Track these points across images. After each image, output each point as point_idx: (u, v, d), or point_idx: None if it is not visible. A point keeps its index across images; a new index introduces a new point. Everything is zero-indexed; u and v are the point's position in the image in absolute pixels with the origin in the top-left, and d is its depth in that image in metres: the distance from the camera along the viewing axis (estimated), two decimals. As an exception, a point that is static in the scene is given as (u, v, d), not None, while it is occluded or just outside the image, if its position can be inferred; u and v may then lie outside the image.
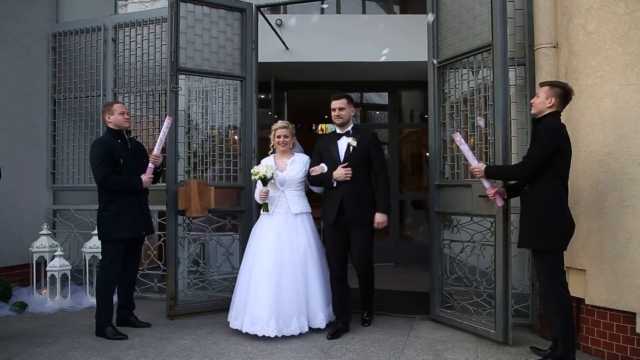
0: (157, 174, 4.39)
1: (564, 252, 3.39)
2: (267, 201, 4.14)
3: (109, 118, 4.22)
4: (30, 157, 5.64)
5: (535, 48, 4.22)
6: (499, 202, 3.64)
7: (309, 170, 4.22)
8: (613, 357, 3.46)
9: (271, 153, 4.41)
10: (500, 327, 3.78)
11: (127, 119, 4.27)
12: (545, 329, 3.91)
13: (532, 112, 3.49)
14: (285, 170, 4.21)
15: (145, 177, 4.18)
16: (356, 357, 3.52)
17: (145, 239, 4.65)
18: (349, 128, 4.21)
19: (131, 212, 4.14)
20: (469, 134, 4.29)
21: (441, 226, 4.56)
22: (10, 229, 4.91)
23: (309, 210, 4.28)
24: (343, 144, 4.15)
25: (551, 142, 3.23)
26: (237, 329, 3.99)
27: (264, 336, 3.82)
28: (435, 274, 4.48)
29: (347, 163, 4.06)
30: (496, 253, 3.86)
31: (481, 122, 3.86)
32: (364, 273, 4.21)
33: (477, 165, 3.65)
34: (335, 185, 4.08)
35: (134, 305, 4.42)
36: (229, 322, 4.13)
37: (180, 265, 4.83)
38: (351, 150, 4.10)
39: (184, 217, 4.89)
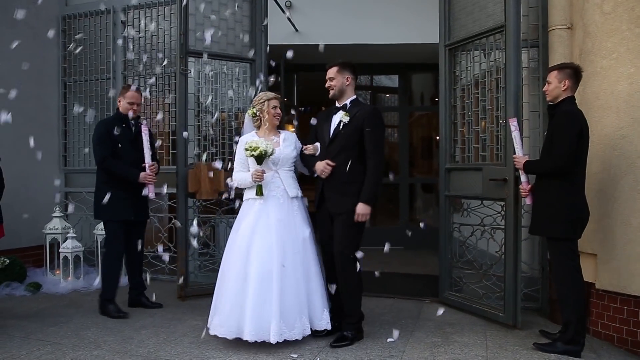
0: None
1: (577, 238, 3.37)
2: (261, 183, 3.53)
3: (119, 101, 4.27)
4: (42, 139, 5.68)
5: (549, 29, 4.15)
6: (529, 201, 3.52)
7: (301, 149, 3.72)
8: (623, 341, 3.46)
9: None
10: (510, 310, 3.78)
11: (135, 110, 4.25)
12: (555, 313, 3.91)
13: (548, 99, 3.44)
14: (279, 147, 3.61)
15: (143, 175, 4.14)
16: (366, 339, 3.54)
17: (155, 222, 4.68)
18: (347, 101, 3.62)
19: (123, 196, 4.14)
20: (480, 117, 4.25)
21: (451, 210, 4.55)
22: (24, 211, 4.97)
23: (301, 194, 3.74)
24: (336, 120, 3.60)
25: (574, 131, 3.17)
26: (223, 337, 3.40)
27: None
28: (445, 257, 4.48)
29: (333, 143, 3.55)
30: (506, 237, 3.85)
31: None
32: (340, 272, 3.49)
33: (520, 156, 3.50)
34: (315, 176, 3.60)
35: (145, 286, 4.49)
36: (208, 328, 3.53)
37: (190, 247, 4.87)
38: (341, 127, 3.53)
39: (194, 199, 4.91)
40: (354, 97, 3.67)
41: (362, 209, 3.45)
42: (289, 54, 4.05)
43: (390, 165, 8.58)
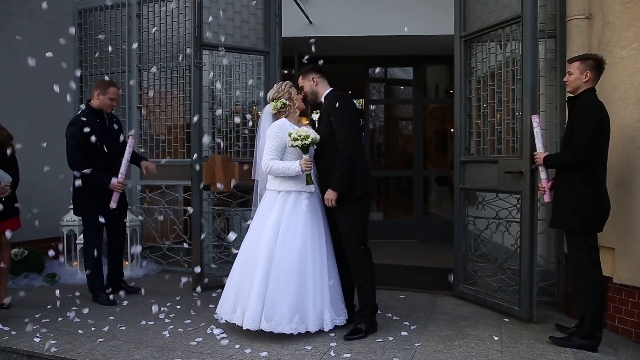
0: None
1: (597, 232, 3.33)
2: (310, 172, 3.46)
3: (98, 96, 4.28)
4: (59, 133, 5.74)
5: (567, 19, 4.08)
6: (547, 198, 3.46)
7: None
8: (640, 336, 3.42)
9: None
10: (525, 304, 3.75)
11: (114, 106, 4.38)
12: (571, 307, 3.88)
13: (568, 90, 3.39)
14: None
15: (113, 185, 4.19)
16: (379, 332, 3.54)
17: (170, 214, 4.73)
18: (322, 98, 3.62)
19: (94, 192, 4.21)
20: (495, 109, 4.20)
21: (466, 202, 4.52)
22: (42, 204, 5.04)
23: None
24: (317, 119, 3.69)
25: (595, 123, 3.13)
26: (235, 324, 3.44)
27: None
28: (459, 250, 4.46)
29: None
30: (522, 230, 3.81)
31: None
32: (351, 264, 3.52)
33: (540, 152, 3.45)
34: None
35: (122, 274, 4.69)
36: (216, 314, 3.59)
37: (205, 239, 4.90)
38: (317, 125, 3.59)
39: (209, 192, 4.94)
40: (328, 91, 3.65)
41: (328, 194, 3.42)
42: (312, 47, 4.02)
43: (405, 158, 8.55)
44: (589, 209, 3.20)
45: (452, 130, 7.36)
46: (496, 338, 3.44)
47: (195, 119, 4.55)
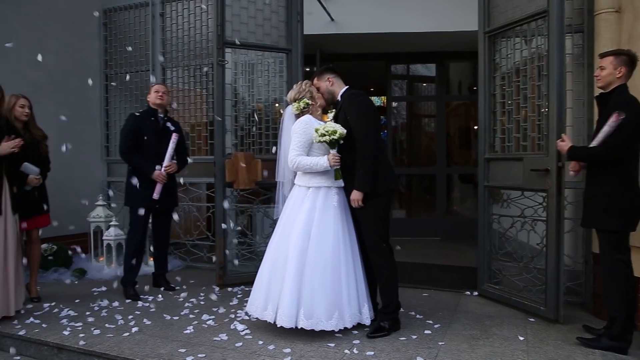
0: (181, 167, 4.60)
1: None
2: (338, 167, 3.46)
3: (148, 97, 4.55)
4: (86, 130, 5.87)
5: (595, 13, 3.98)
6: (575, 174, 3.43)
7: None
8: (672, 338, 3.33)
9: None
10: (552, 304, 3.69)
11: (161, 96, 4.47)
12: (599, 308, 3.79)
13: (599, 85, 3.29)
14: None
15: (157, 174, 4.34)
16: (402, 330, 3.53)
17: (194, 210, 4.78)
18: (339, 97, 3.64)
19: (146, 185, 4.36)
20: (520, 105, 4.14)
21: (490, 200, 4.46)
22: (69, 200, 5.15)
23: None
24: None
25: (632, 120, 3.04)
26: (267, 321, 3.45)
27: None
28: (483, 249, 4.41)
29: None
30: (548, 228, 3.75)
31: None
32: (373, 262, 3.51)
33: (566, 142, 3.33)
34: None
35: (167, 270, 4.82)
36: (247, 312, 3.65)
37: (228, 236, 4.94)
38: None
39: (232, 189, 4.98)
40: (344, 89, 3.65)
41: (353, 195, 3.40)
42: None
43: (427, 156, 8.49)
44: (625, 208, 3.12)
45: (475, 127, 7.28)
46: (521, 338, 3.39)
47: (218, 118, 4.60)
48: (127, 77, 5.62)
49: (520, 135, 4.13)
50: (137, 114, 4.51)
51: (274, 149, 4.47)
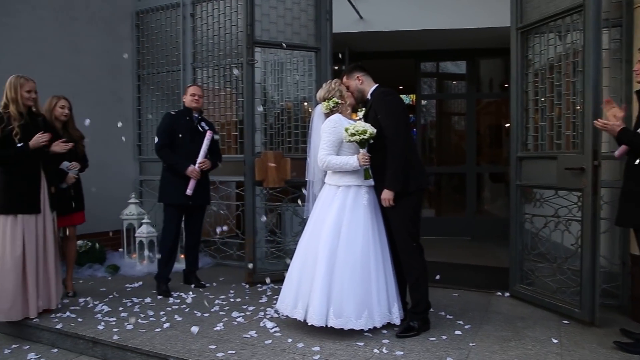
0: (214, 166, 4.63)
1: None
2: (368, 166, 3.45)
3: (184, 97, 4.62)
4: (118, 130, 6.00)
5: (634, 6, 3.85)
6: (618, 154, 3.32)
7: None
8: None
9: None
10: (587, 306, 3.59)
11: (197, 99, 4.55)
12: (638, 311, 3.68)
13: (638, 80, 3.19)
14: None
15: (190, 169, 4.39)
16: (432, 331, 3.49)
17: (224, 209, 4.84)
18: (369, 95, 3.60)
19: (180, 182, 4.43)
20: (554, 103, 4.04)
21: (522, 200, 4.37)
22: (103, 198, 5.28)
23: None
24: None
25: None
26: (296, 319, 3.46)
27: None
28: (516, 249, 4.32)
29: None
30: (583, 229, 3.65)
31: None
32: (403, 261, 3.49)
33: (617, 122, 3.13)
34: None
35: (197, 267, 4.89)
36: (277, 310, 3.70)
37: (257, 234, 4.98)
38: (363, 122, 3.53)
39: (261, 187, 5.02)
40: (374, 87, 3.61)
41: (384, 194, 3.37)
42: None
43: (457, 154, 8.39)
44: None
45: (506, 125, 7.15)
46: (555, 341, 3.32)
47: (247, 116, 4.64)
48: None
49: (554, 133, 4.03)
50: (173, 113, 4.61)
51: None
